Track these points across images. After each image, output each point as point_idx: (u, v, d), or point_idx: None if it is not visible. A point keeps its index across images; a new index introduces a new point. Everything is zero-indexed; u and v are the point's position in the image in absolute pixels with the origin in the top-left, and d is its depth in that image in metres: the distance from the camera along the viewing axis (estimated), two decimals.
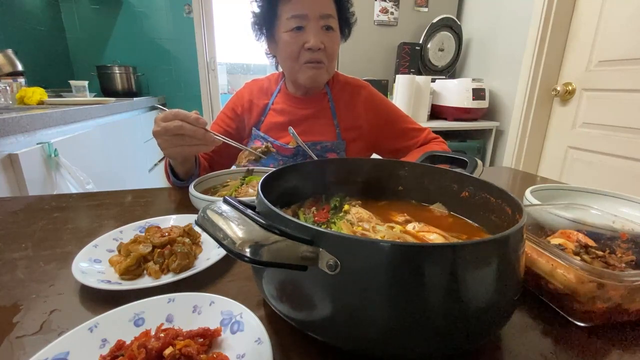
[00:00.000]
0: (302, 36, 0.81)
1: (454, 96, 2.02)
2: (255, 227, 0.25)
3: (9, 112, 1.11)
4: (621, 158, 1.51)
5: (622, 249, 0.42)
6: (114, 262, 0.45)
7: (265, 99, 0.97)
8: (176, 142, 0.65)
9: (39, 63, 2.09)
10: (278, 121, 0.95)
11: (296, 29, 0.81)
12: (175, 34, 2.55)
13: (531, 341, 0.34)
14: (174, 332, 0.31)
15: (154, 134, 0.66)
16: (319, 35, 0.81)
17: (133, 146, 1.99)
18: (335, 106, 0.95)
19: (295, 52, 0.83)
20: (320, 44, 0.81)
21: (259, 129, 0.96)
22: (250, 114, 0.97)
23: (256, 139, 0.96)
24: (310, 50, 0.81)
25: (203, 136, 0.65)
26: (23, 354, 0.32)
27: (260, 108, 0.97)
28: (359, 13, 0.93)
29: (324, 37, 0.82)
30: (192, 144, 0.66)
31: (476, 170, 0.49)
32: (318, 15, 0.80)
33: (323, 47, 0.82)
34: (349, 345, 0.29)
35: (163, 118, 0.64)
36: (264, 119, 0.96)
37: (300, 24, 0.80)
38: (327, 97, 0.96)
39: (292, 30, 0.81)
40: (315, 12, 0.79)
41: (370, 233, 0.42)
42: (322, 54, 0.83)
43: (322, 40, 0.81)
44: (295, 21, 0.80)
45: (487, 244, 0.27)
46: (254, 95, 0.98)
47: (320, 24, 0.81)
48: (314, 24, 0.80)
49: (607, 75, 1.54)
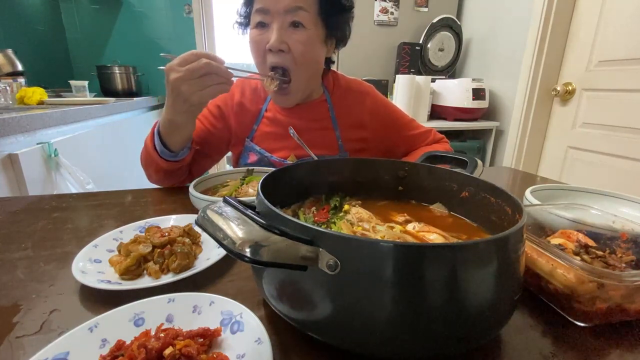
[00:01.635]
0: (265, 34, 0.70)
1: (454, 96, 2.02)
2: (255, 227, 0.25)
3: (9, 112, 1.11)
4: (621, 158, 1.51)
5: (622, 249, 0.42)
6: (114, 262, 0.45)
7: (258, 103, 0.86)
8: (205, 83, 0.59)
9: (39, 63, 2.09)
10: (271, 131, 0.84)
11: (259, 25, 0.70)
12: (175, 34, 2.55)
13: (531, 341, 0.34)
14: (174, 332, 0.31)
15: (174, 82, 0.58)
16: (282, 33, 0.68)
17: (133, 146, 1.99)
18: (336, 115, 0.85)
19: (259, 52, 0.72)
20: (282, 44, 0.68)
21: (252, 139, 0.86)
22: (239, 119, 0.85)
23: (250, 152, 0.85)
24: (272, 50, 0.69)
25: (226, 72, 0.60)
26: (23, 354, 0.32)
27: (253, 114, 0.85)
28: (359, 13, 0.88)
29: (289, 35, 0.69)
30: (220, 81, 0.60)
31: (476, 170, 0.49)
32: (282, 10, 0.67)
33: (287, 49, 0.69)
34: (348, 345, 0.29)
35: (182, 61, 0.58)
36: (256, 127, 0.85)
37: (263, 19, 0.69)
38: (327, 105, 0.85)
39: (256, 27, 0.71)
40: (279, 5, 0.67)
41: (370, 233, 0.42)
42: (286, 58, 0.70)
43: (285, 39, 0.68)
44: (258, 15, 0.69)
45: (487, 244, 0.27)
46: (246, 97, 0.86)
47: (287, 20, 0.68)
48: (278, 20, 0.68)
49: (607, 75, 1.54)
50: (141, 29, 2.49)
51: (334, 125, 0.85)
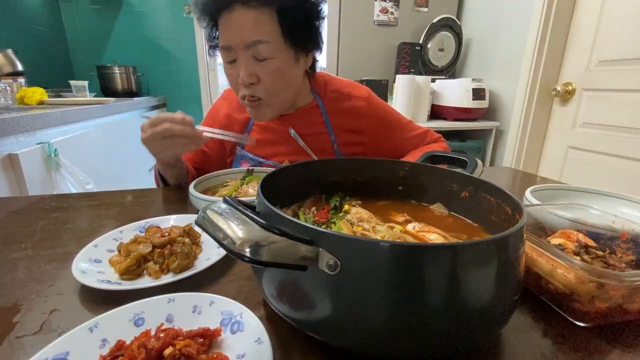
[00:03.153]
0: (235, 69, 0.69)
1: (454, 96, 2.02)
2: (255, 227, 0.25)
3: (9, 112, 1.11)
4: (621, 158, 1.51)
5: (622, 249, 0.42)
6: (114, 262, 0.45)
7: (246, 112, 0.81)
8: (166, 145, 0.65)
9: (39, 63, 2.09)
10: (263, 138, 0.83)
11: (228, 62, 0.70)
12: (175, 34, 2.55)
13: (531, 341, 0.34)
14: (174, 332, 0.31)
15: (143, 141, 0.65)
16: (249, 67, 0.68)
17: (133, 146, 1.99)
18: (330, 119, 0.83)
19: (234, 86, 0.73)
20: (252, 77, 0.68)
21: (244, 147, 0.85)
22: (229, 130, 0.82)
23: (243, 160, 0.85)
24: (242, 84, 0.69)
25: (191, 133, 0.65)
26: (23, 354, 0.32)
27: (242, 124, 0.85)
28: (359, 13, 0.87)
29: (257, 68, 0.68)
30: (183, 143, 0.65)
31: (476, 170, 0.49)
32: (242, 46, 0.66)
33: (257, 81, 0.69)
34: (349, 345, 0.29)
35: (149, 124, 0.64)
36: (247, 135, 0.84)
37: (229, 56, 0.69)
38: (319, 110, 0.83)
39: (226, 62, 0.71)
40: (239, 42, 0.66)
41: (370, 233, 0.42)
42: (258, 89, 0.70)
43: (254, 72, 0.68)
44: (224, 53, 0.70)
45: (487, 244, 0.27)
46: (233, 108, 0.86)
47: (249, 54, 0.67)
48: (242, 54, 0.67)
49: (607, 75, 1.54)
50: (141, 29, 2.49)
51: (329, 130, 0.84)
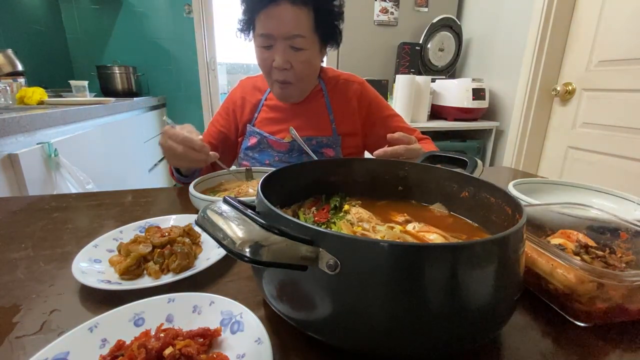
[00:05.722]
0: (270, 54, 0.80)
1: (454, 96, 2.02)
2: (255, 227, 0.25)
3: (9, 112, 1.11)
4: (621, 158, 1.51)
5: (622, 249, 0.42)
6: (114, 262, 0.45)
7: (258, 95, 0.97)
8: (179, 159, 0.71)
9: (39, 63, 2.09)
10: (272, 117, 0.95)
11: (265, 46, 0.80)
12: (175, 34, 2.55)
13: (531, 341, 0.34)
14: (174, 332, 0.31)
15: (161, 145, 0.71)
16: (286, 55, 0.78)
17: (133, 146, 1.99)
18: (330, 101, 0.95)
19: (266, 68, 0.83)
20: (286, 63, 0.79)
21: (253, 124, 0.97)
22: (242, 111, 0.97)
23: (251, 135, 0.96)
24: (277, 69, 0.80)
25: (204, 159, 0.71)
26: (23, 354, 0.32)
27: (253, 104, 0.97)
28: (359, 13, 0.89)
29: (292, 56, 0.79)
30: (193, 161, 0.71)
31: (476, 170, 0.49)
32: (283, 36, 0.77)
33: (290, 67, 0.80)
34: (349, 345, 0.29)
35: (170, 136, 0.69)
36: (257, 115, 0.96)
37: (267, 42, 0.79)
38: (322, 93, 0.96)
39: (261, 46, 0.80)
40: (281, 32, 0.76)
41: (370, 233, 0.42)
42: (290, 74, 0.81)
43: (289, 59, 0.79)
44: (263, 39, 0.79)
45: (487, 244, 0.27)
46: (247, 93, 0.99)
47: (288, 44, 0.78)
48: (281, 43, 0.78)
49: (607, 75, 1.54)
50: (141, 29, 2.49)
51: (329, 110, 0.95)
